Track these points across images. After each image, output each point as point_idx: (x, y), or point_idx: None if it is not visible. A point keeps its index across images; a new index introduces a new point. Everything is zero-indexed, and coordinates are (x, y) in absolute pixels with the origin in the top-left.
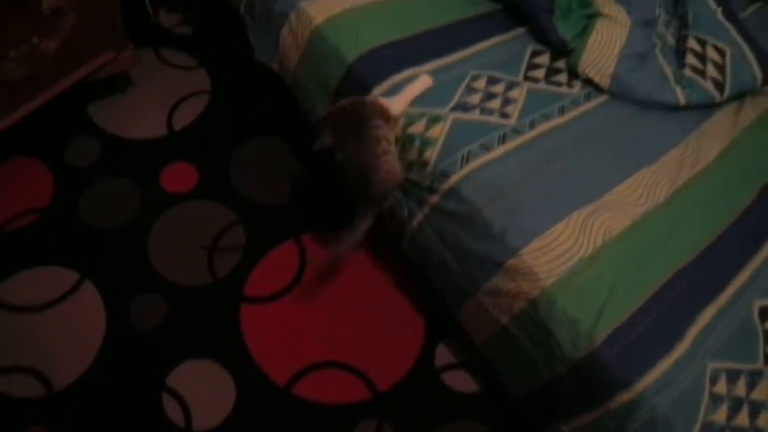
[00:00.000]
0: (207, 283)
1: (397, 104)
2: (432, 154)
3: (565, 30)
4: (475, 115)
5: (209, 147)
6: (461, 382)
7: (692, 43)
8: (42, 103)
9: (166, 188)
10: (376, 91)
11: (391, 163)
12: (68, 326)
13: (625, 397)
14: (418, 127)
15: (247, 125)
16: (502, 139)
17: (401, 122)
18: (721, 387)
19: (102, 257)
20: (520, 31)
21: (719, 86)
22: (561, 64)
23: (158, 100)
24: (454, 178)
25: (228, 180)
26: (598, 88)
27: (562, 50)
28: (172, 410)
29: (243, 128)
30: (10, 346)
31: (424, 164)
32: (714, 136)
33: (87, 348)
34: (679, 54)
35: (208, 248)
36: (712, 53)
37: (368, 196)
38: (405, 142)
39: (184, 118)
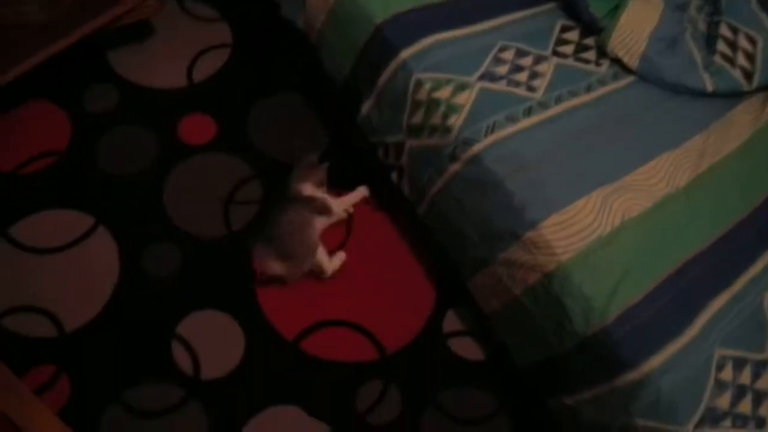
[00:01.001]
0: (221, 234)
1: (337, 205)
2: (456, 120)
3: (596, 8)
4: (502, 86)
5: (228, 100)
6: (468, 349)
7: (724, 30)
8: (62, 48)
9: (184, 139)
10: (404, 53)
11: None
12: (81, 269)
13: (631, 376)
14: (444, 93)
15: (267, 81)
16: (528, 112)
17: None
18: (727, 374)
19: (117, 203)
20: (551, 5)
21: (748, 75)
22: (590, 41)
23: (179, 51)
24: (477, 147)
25: (246, 134)
26: (626, 69)
27: (592, 27)
28: (181, 358)
29: (263, 83)
30: (24, 286)
31: (448, 130)
32: (738, 126)
33: (99, 292)
34: (710, 40)
35: (224, 200)
36: (743, 42)
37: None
38: (429, 106)
39: (205, 70)
